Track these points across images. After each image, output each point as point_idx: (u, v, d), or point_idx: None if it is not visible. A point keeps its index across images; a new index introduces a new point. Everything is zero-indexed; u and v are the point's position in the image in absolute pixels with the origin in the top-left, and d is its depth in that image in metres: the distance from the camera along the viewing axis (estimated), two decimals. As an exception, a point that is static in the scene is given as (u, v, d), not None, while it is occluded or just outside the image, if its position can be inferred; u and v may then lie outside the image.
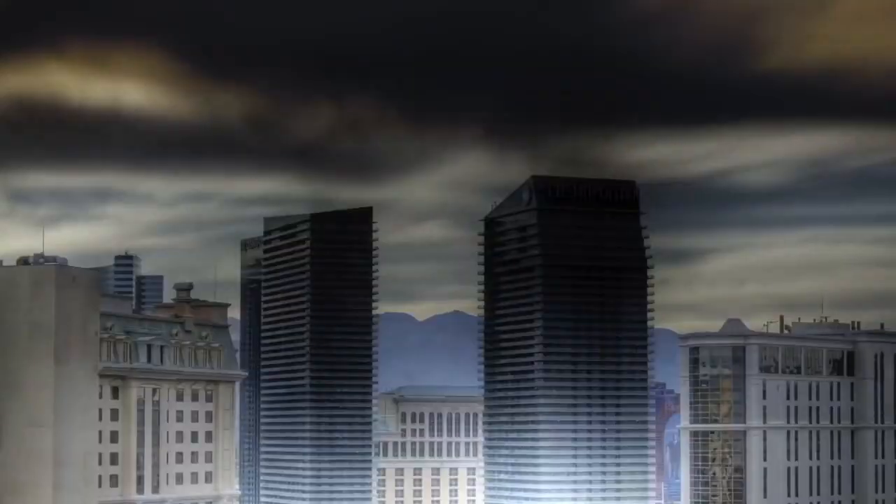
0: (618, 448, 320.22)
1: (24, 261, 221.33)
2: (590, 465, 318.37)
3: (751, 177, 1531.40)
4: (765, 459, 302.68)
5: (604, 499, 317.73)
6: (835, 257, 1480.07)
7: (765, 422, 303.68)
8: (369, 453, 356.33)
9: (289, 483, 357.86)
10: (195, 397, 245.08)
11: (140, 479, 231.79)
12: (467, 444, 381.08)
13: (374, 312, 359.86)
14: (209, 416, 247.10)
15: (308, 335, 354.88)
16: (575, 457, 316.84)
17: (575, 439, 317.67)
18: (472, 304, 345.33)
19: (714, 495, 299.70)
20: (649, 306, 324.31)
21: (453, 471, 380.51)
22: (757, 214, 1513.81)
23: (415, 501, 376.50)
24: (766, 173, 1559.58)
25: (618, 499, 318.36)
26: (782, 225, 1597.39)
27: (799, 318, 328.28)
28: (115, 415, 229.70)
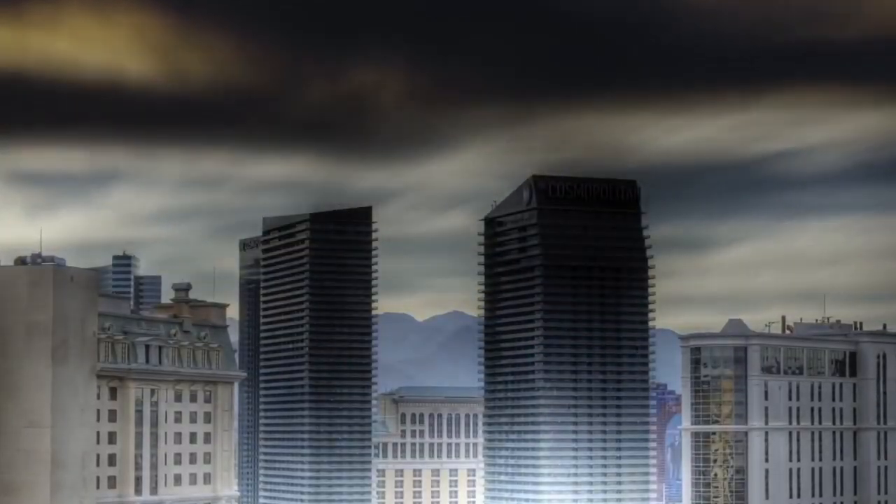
0: (618, 449, 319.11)
1: (21, 261, 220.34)
2: (590, 466, 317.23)
3: (793, 161, 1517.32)
4: (766, 460, 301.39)
5: (605, 500, 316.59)
6: (858, 247, 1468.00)
7: (766, 423, 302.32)
8: (369, 454, 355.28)
9: (288, 484, 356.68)
10: (193, 398, 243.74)
11: (138, 480, 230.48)
12: (467, 444, 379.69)
13: (373, 312, 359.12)
14: (208, 417, 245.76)
15: (307, 335, 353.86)
16: (575, 458, 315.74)
17: (575, 440, 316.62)
18: (471, 304, 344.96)
19: (715, 496, 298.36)
20: (650, 306, 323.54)
21: (453, 472, 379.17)
22: (789, 200, 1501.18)
23: (414, 503, 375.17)
24: (807, 158, 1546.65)
25: (619, 500, 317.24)
26: (811, 212, 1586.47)
27: (801, 319, 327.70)
28: (112, 415, 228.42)
